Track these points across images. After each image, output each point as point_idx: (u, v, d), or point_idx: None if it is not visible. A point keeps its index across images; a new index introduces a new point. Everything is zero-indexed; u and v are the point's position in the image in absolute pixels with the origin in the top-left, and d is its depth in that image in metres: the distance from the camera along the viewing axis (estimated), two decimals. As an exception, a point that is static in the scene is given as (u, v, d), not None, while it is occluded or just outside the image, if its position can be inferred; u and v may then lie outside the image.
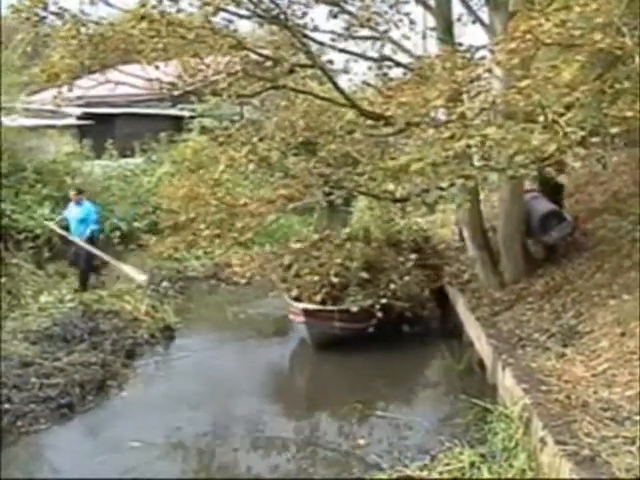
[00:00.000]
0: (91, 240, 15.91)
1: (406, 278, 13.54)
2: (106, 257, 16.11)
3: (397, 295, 13.21)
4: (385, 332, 12.91)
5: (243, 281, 13.60)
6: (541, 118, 8.16)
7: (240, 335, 14.06)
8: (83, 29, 11.11)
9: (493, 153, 8.86)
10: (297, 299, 13.34)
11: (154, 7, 10.75)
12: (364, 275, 13.24)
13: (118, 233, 18.61)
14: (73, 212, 15.98)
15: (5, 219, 15.85)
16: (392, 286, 13.21)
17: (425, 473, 8.11)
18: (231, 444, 9.93)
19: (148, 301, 15.28)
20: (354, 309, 12.84)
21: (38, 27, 11.20)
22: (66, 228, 16.05)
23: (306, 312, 13.12)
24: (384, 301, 12.87)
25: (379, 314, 12.70)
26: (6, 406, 10.21)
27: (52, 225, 16.33)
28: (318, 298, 13.04)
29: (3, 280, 14.23)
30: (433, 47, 13.57)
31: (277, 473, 9.08)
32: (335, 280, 13.01)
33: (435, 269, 15.50)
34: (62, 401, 10.69)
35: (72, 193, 16.27)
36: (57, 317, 13.67)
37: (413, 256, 14.27)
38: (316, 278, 13.13)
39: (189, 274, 18.63)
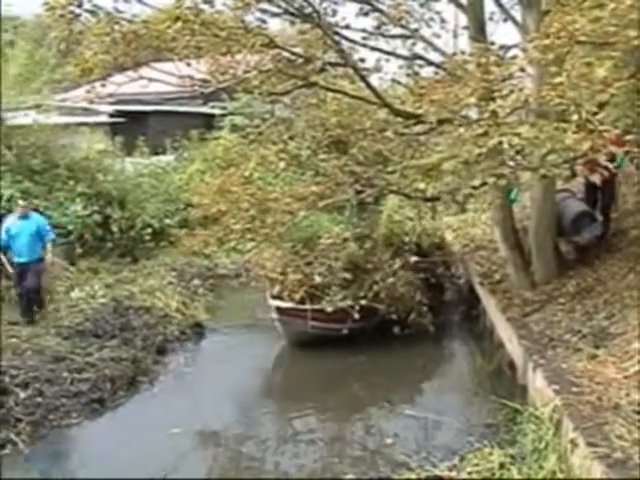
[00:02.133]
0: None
1: (390, 280, 13.22)
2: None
3: (379, 297, 13.00)
4: (365, 334, 12.91)
5: (274, 277, 13.39)
6: (574, 117, 8.08)
7: (269, 334, 14.03)
8: (116, 27, 11.17)
9: (526, 152, 8.79)
10: (278, 297, 13.27)
11: (189, 8, 10.78)
12: (346, 275, 13.06)
13: (149, 230, 18.68)
14: (20, 227, 13.34)
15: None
16: (375, 288, 13.02)
17: (454, 473, 8.08)
18: (259, 441, 9.99)
19: (179, 298, 15.36)
20: (329, 309, 12.68)
21: (72, 25, 11.27)
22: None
23: (279, 310, 13.14)
24: (364, 302, 12.73)
25: (356, 315, 12.57)
26: (39, 400, 10.33)
27: None
28: (297, 297, 13.01)
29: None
30: (464, 46, 13.48)
31: (304, 470, 9.10)
32: (318, 279, 12.96)
33: (436, 275, 15.30)
34: (93, 396, 10.84)
35: (20, 205, 13.77)
36: (89, 313, 13.80)
37: (413, 259, 14.15)
38: (299, 276, 13.06)
39: (219, 271, 18.70)
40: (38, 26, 22.47)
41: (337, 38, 12.14)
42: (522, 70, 10.26)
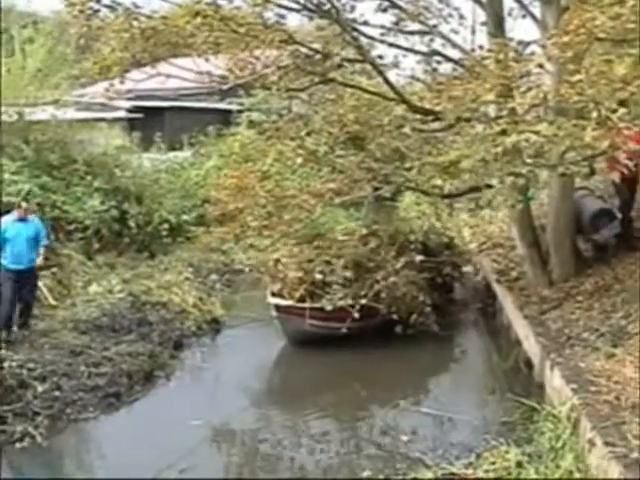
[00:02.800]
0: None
1: (392, 279, 12.93)
2: None
3: (380, 296, 12.77)
4: (365, 334, 12.68)
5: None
6: (594, 114, 8.02)
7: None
8: (135, 22, 11.19)
9: (544, 149, 8.75)
10: (278, 294, 13.15)
11: (208, 4, 10.79)
12: (347, 274, 12.85)
13: (166, 226, 18.72)
14: (17, 230, 12.07)
15: (56, 210, 16.03)
16: (376, 287, 12.78)
17: (470, 471, 8.07)
18: (275, 437, 10.02)
19: (195, 293, 15.38)
20: (328, 308, 12.50)
21: (91, 20, 11.30)
22: None
23: (278, 308, 12.97)
24: (364, 302, 12.51)
25: (356, 315, 12.29)
26: (56, 393, 10.40)
27: None
28: (297, 294, 12.90)
29: (54, 270, 14.41)
30: (483, 42, 13.42)
31: (320, 466, 9.11)
32: (318, 277, 12.84)
33: (443, 274, 14.81)
34: (110, 390, 10.90)
35: (23, 207, 12.39)
36: (106, 308, 13.83)
37: (419, 258, 13.80)
38: (300, 274, 12.96)
39: (236, 267, 18.71)
40: (57, 23, 22.53)
41: (355, 34, 12.12)
42: (540, 66, 10.22)
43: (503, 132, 8.54)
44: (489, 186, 10.25)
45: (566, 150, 8.45)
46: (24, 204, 12.63)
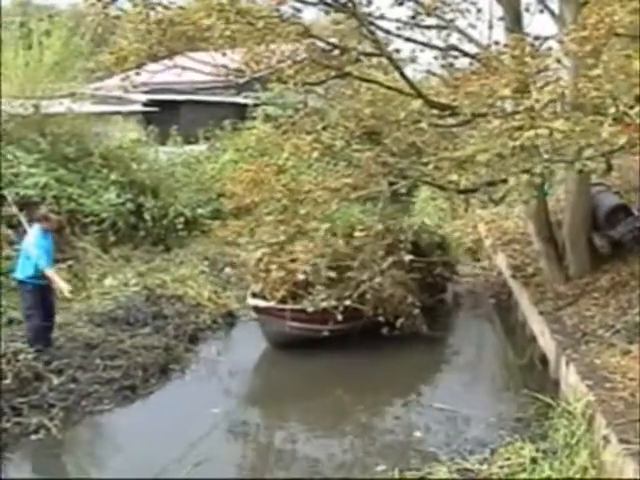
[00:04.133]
0: None
1: (377, 280, 12.25)
2: None
3: (365, 298, 12.20)
4: (351, 337, 12.35)
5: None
6: (612, 110, 7.98)
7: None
8: (152, 13, 11.20)
9: (561, 144, 8.71)
10: (259, 295, 12.77)
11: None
12: (331, 274, 12.35)
13: (182, 219, 18.76)
14: (49, 243, 11.35)
15: (72, 203, 16.08)
16: (361, 288, 12.15)
17: (485, 467, 8.06)
18: (289, 431, 10.05)
19: (210, 287, 15.41)
20: (310, 309, 12.08)
21: (107, 9, 11.33)
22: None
23: (257, 309, 12.68)
24: (348, 303, 11.96)
25: (339, 317, 11.83)
26: (71, 386, 10.45)
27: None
28: (279, 295, 12.46)
29: (70, 263, 14.46)
30: (500, 37, 13.37)
31: (334, 460, 9.14)
32: (301, 277, 12.35)
33: (434, 275, 14.52)
34: (125, 383, 10.94)
35: (52, 219, 11.61)
36: (121, 300, 13.89)
37: (408, 257, 13.04)
38: (282, 274, 12.47)
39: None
40: (73, 15, 22.59)
41: (372, 28, 12.08)
42: (558, 61, 10.17)
43: (520, 128, 8.49)
44: (505, 181, 10.21)
45: (583, 146, 8.39)
46: (53, 215, 11.89)
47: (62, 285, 11.12)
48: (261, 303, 12.58)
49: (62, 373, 10.68)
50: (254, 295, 12.83)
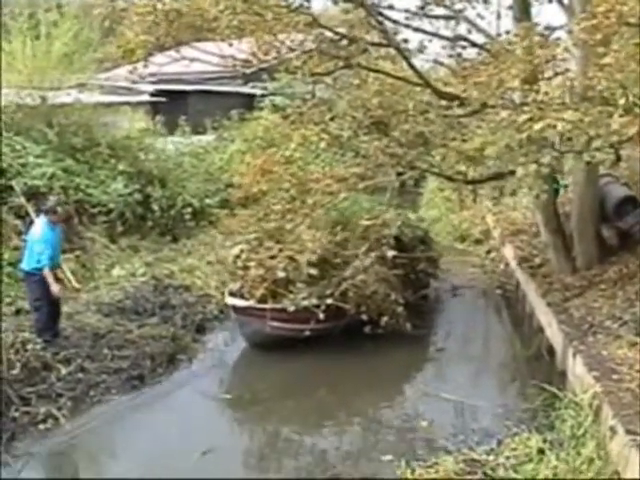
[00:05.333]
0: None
1: (360, 277, 12.02)
2: None
3: (348, 296, 11.89)
4: (332, 336, 11.98)
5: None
6: (621, 100, 7.94)
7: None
8: (159, 5, 11.19)
9: (570, 135, 8.67)
10: (237, 294, 12.28)
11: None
12: (312, 271, 11.92)
13: (190, 209, 18.77)
14: (57, 236, 11.45)
15: (80, 193, 16.10)
16: (343, 285, 11.88)
17: (492, 457, 8.07)
18: (298, 421, 10.08)
19: (218, 277, 15.42)
20: (291, 308, 11.66)
21: (115, 1, 11.33)
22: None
23: (236, 309, 12.19)
24: (331, 301, 11.67)
25: (321, 316, 11.48)
26: (79, 376, 10.50)
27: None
28: (258, 294, 11.96)
29: (78, 253, 14.50)
30: (508, 27, 13.30)
31: (341, 450, 9.19)
32: (281, 275, 11.89)
33: (416, 270, 14.20)
34: (133, 372, 10.99)
35: (59, 211, 11.45)
36: (129, 290, 13.93)
37: (391, 253, 12.86)
38: (261, 271, 12.02)
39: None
40: (81, 6, 22.61)
41: (380, 18, 12.05)
42: (567, 51, 10.14)
43: (529, 119, 8.46)
44: (513, 172, 10.18)
45: (592, 137, 8.36)
46: (60, 209, 11.60)
47: (54, 287, 10.92)
48: (240, 302, 12.10)
49: (70, 363, 10.74)
50: (232, 294, 12.35)
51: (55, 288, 11.00)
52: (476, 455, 8.22)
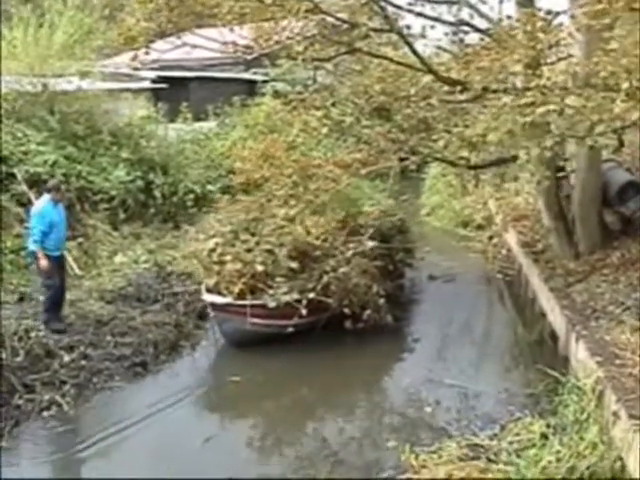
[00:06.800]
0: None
1: (343, 269, 11.69)
2: None
3: (330, 289, 11.53)
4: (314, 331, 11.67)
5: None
6: (625, 85, 7.90)
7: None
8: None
9: (573, 121, 8.65)
10: (214, 290, 11.73)
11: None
12: (292, 265, 11.57)
13: (192, 196, 18.76)
14: (59, 215, 11.60)
15: (82, 181, 16.10)
16: (325, 278, 11.51)
17: (495, 442, 8.09)
18: (301, 408, 10.12)
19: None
20: (272, 304, 11.21)
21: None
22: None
23: (214, 306, 11.67)
24: (312, 296, 11.27)
25: (304, 311, 11.10)
26: (83, 363, 10.53)
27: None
28: (236, 289, 11.44)
29: (80, 240, 14.51)
30: (510, 11, 13.25)
31: (343, 435, 9.22)
32: (259, 269, 11.43)
33: (394, 260, 13.91)
34: (136, 359, 11.02)
35: (62, 189, 11.96)
36: (132, 278, 13.97)
37: (370, 244, 12.55)
38: (239, 266, 11.51)
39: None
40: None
41: (382, 4, 11.99)
42: (570, 36, 10.09)
43: (531, 104, 8.44)
44: (515, 158, 10.17)
45: (595, 122, 8.33)
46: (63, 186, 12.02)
47: (43, 262, 11.11)
48: (219, 299, 11.55)
49: (73, 350, 10.76)
50: (208, 290, 11.81)
51: (44, 262, 11.11)
52: (479, 440, 8.26)
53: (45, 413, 9.45)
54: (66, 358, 10.52)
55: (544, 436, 7.99)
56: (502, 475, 7.40)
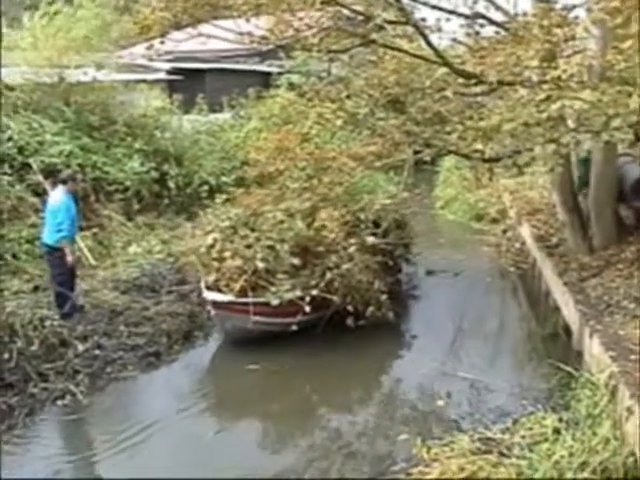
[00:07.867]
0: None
1: (346, 266, 11.51)
2: None
3: (333, 286, 11.34)
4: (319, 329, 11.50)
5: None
6: (640, 80, 7.88)
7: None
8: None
9: (588, 116, 8.60)
10: (214, 287, 11.45)
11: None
12: (294, 261, 11.41)
13: (206, 187, 18.79)
14: (75, 206, 11.81)
15: (97, 171, 16.16)
16: (328, 275, 11.32)
17: (507, 436, 8.09)
18: (312, 397, 10.16)
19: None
20: (275, 302, 11.02)
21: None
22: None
23: (215, 304, 11.38)
24: (315, 292, 11.17)
25: (307, 308, 11.00)
26: (97, 352, 10.60)
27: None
28: (237, 287, 11.18)
29: (95, 231, 14.57)
30: (525, 4, 13.18)
31: (355, 427, 9.26)
32: (260, 266, 11.17)
33: (393, 256, 13.83)
34: (150, 349, 11.09)
35: (78, 178, 12.22)
36: (146, 268, 14.02)
37: (371, 239, 12.51)
38: (239, 262, 11.25)
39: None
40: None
41: (398, -4, 11.96)
42: (586, 30, 10.04)
43: (547, 98, 8.40)
44: (530, 150, 10.12)
45: (611, 116, 8.29)
46: (78, 176, 12.11)
47: (69, 258, 11.36)
48: (221, 297, 11.25)
49: (87, 340, 10.84)
50: (208, 287, 11.52)
51: (70, 259, 11.32)
52: (491, 434, 8.24)
53: (59, 402, 9.52)
54: (80, 347, 10.60)
55: (557, 431, 7.95)
56: (514, 469, 7.39)
